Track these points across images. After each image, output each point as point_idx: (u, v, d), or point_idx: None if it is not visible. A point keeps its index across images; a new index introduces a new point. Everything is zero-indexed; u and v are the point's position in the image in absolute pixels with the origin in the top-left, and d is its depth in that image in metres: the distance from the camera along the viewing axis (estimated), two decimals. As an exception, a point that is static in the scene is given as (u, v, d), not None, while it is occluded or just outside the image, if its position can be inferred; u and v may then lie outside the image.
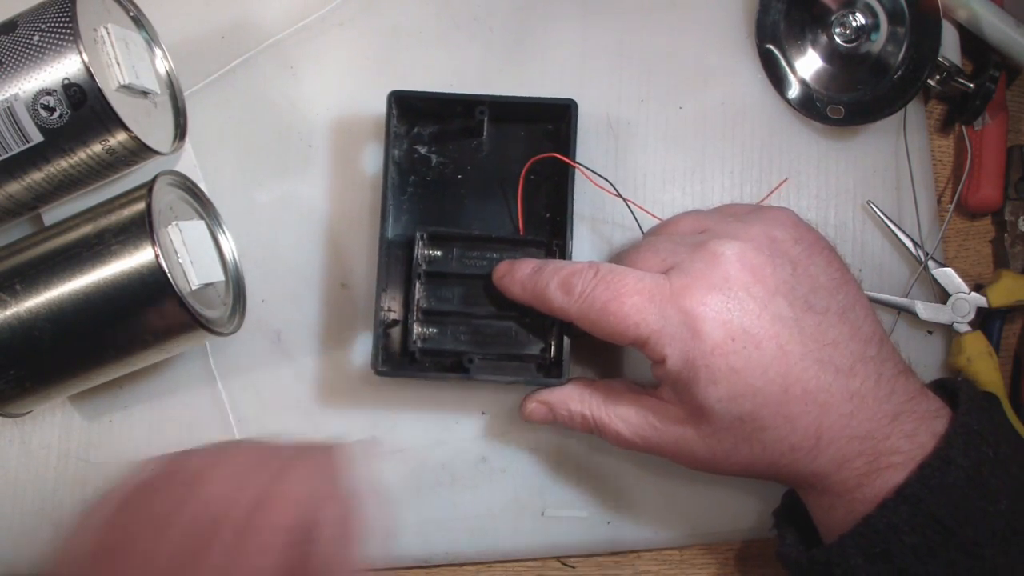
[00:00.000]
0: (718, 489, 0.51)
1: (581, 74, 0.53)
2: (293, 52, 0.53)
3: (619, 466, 0.51)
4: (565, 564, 0.52)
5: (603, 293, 0.42)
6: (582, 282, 0.43)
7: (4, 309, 0.45)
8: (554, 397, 0.47)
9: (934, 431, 0.40)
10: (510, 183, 0.51)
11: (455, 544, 0.51)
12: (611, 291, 0.42)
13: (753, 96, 0.53)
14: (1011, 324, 0.53)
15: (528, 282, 0.46)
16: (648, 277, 0.42)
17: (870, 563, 0.39)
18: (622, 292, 0.42)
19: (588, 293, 0.43)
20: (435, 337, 0.49)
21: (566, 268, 0.44)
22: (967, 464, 0.39)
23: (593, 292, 0.43)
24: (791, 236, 0.43)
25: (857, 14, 0.52)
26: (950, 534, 0.38)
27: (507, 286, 0.47)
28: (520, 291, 0.46)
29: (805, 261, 0.42)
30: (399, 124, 0.51)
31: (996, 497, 0.39)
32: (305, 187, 0.53)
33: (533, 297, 0.46)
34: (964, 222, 0.54)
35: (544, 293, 0.45)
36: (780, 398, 0.40)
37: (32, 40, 0.43)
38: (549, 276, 0.45)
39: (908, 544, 0.38)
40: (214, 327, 0.47)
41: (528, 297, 0.46)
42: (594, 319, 0.43)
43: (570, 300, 0.43)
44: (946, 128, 0.55)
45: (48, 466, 0.52)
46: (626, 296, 0.42)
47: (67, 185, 0.47)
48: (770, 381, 0.40)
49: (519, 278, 0.46)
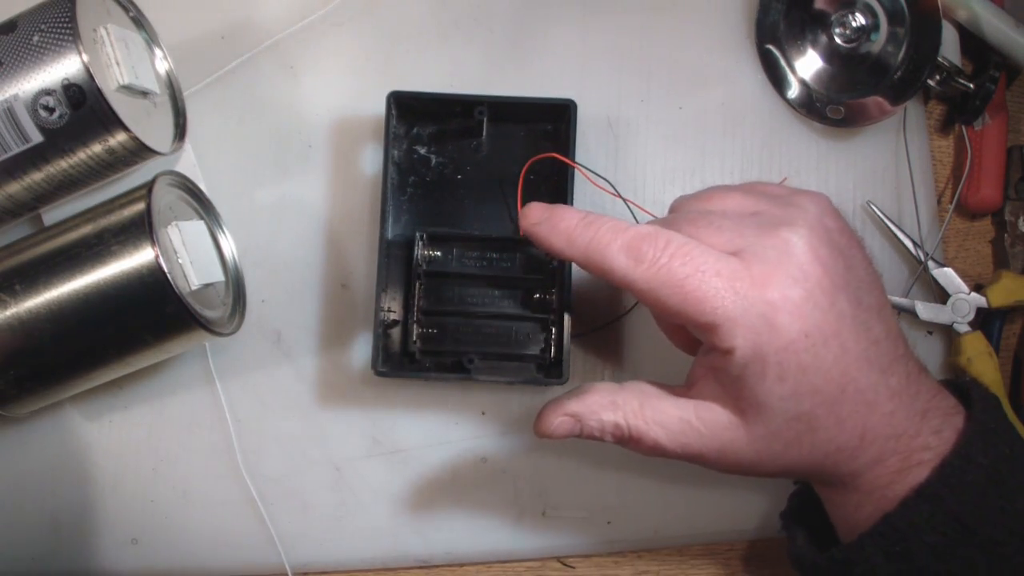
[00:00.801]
0: (718, 489, 0.51)
1: (581, 74, 0.53)
2: (293, 52, 0.53)
3: (619, 466, 0.51)
4: (565, 564, 0.52)
5: (681, 267, 0.38)
6: (654, 249, 0.39)
7: (4, 309, 0.45)
8: (582, 407, 0.41)
9: (956, 427, 0.40)
10: (510, 183, 0.51)
11: (455, 544, 0.51)
12: (690, 266, 0.38)
13: (753, 96, 0.53)
14: (1011, 324, 0.53)
15: (579, 236, 0.40)
16: (726, 258, 0.38)
17: (890, 562, 0.39)
18: (703, 270, 0.38)
19: (664, 264, 0.38)
20: (435, 337, 0.49)
21: (631, 229, 0.40)
22: (986, 462, 0.38)
23: (670, 264, 0.38)
24: (837, 226, 0.41)
25: (857, 14, 0.52)
26: (970, 533, 0.38)
27: (545, 236, 0.41)
28: (565, 244, 0.41)
29: (850, 253, 0.41)
30: (398, 124, 0.51)
31: (1014, 495, 0.39)
32: (305, 187, 0.53)
33: (585, 254, 0.40)
34: (964, 222, 0.54)
35: (603, 253, 0.39)
36: (836, 398, 0.38)
37: (32, 40, 0.43)
38: (609, 235, 0.40)
39: (928, 543, 0.38)
40: (214, 327, 0.47)
41: (577, 253, 0.40)
42: (666, 294, 0.38)
43: (638, 268, 0.39)
44: (946, 128, 0.55)
45: (48, 466, 0.52)
46: (708, 275, 0.38)
47: (67, 185, 0.47)
48: (830, 380, 0.38)
49: (564, 228, 0.41)
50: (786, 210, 0.40)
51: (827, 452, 0.39)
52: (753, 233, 0.39)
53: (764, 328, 0.37)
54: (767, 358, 0.38)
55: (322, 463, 0.51)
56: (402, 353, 0.50)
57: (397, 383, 0.51)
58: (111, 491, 0.51)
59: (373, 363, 0.47)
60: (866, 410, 0.39)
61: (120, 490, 0.51)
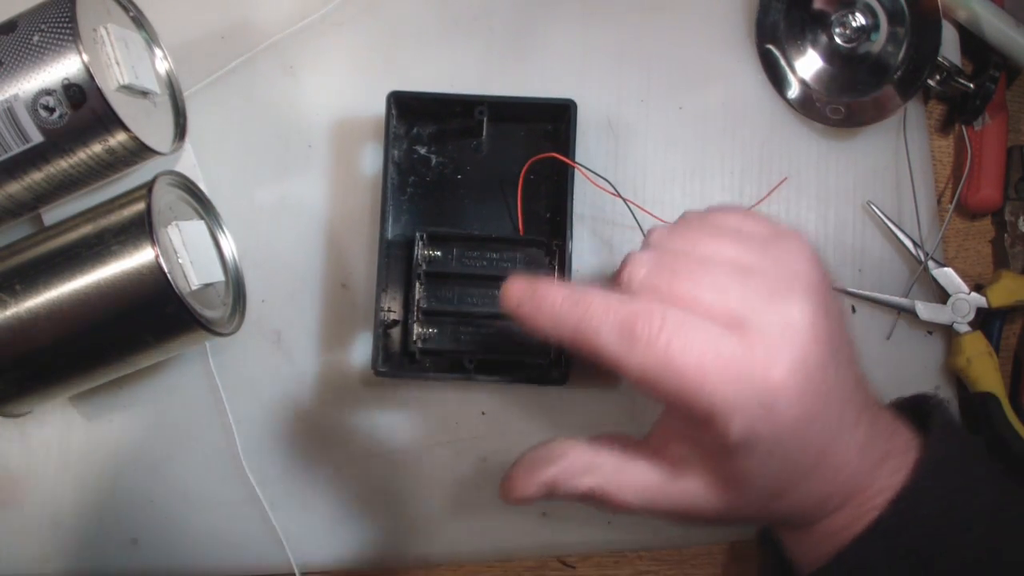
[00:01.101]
0: (718, 489, 0.51)
1: (581, 74, 0.53)
2: (293, 52, 0.53)
3: (619, 466, 0.51)
4: (565, 564, 0.52)
5: (680, 352, 0.35)
6: (649, 329, 0.35)
7: (4, 309, 0.45)
8: (559, 472, 0.39)
9: (911, 463, 0.39)
10: (510, 183, 0.51)
11: (455, 544, 0.51)
12: (690, 351, 0.35)
13: (753, 96, 0.53)
14: (1011, 324, 0.53)
15: (566, 316, 0.37)
16: (726, 338, 0.35)
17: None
18: (704, 353, 0.35)
19: (661, 347, 0.35)
20: (435, 337, 0.49)
21: (623, 306, 0.36)
22: (940, 495, 0.38)
23: (668, 347, 0.35)
24: (823, 278, 0.38)
25: (857, 14, 0.52)
26: (926, 566, 0.38)
27: (529, 317, 0.38)
28: (552, 326, 0.37)
29: (835, 309, 0.38)
30: (399, 124, 0.51)
31: (970, 525, 0.38)
32: (305, 187, 0.53)
33: (573, 336, 0.37)
34: (964, 222, 0.54)
35: (594, 335, 0.36)
36: (811, 470, 0.38)
37: (32, 40, 0.43)
38: (600, 314, 0.36)
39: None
40: (214, 327, 0.47)
41: (565, 335, 0.37)
42: (662, 381, 0.35)
43: (632, 351, 0.35)
44: (946, 128, 0.55)
45: (48, 466, 0.52)
46: (708, 360, 0.35)
47: (67, 185, 0.47)
48: (809, 455, 0.37)
49: (550, 308, 0.37)
50: (778, 267, 0.37)
51: (790, 512, 0.39)
52: (753, 301, 0.36)
53: (761, 415, 0.35)
54: (758, 442, 0.36)
55: (322, 463, 0.51)
56: (402, 353, 0.50)
57: (397, 383, 0.51)
58: (111, 491, 0.51)
59: (373, 363, 0.47)
60: (833, 474, 0.38)
61: (120, 490, 0.51)
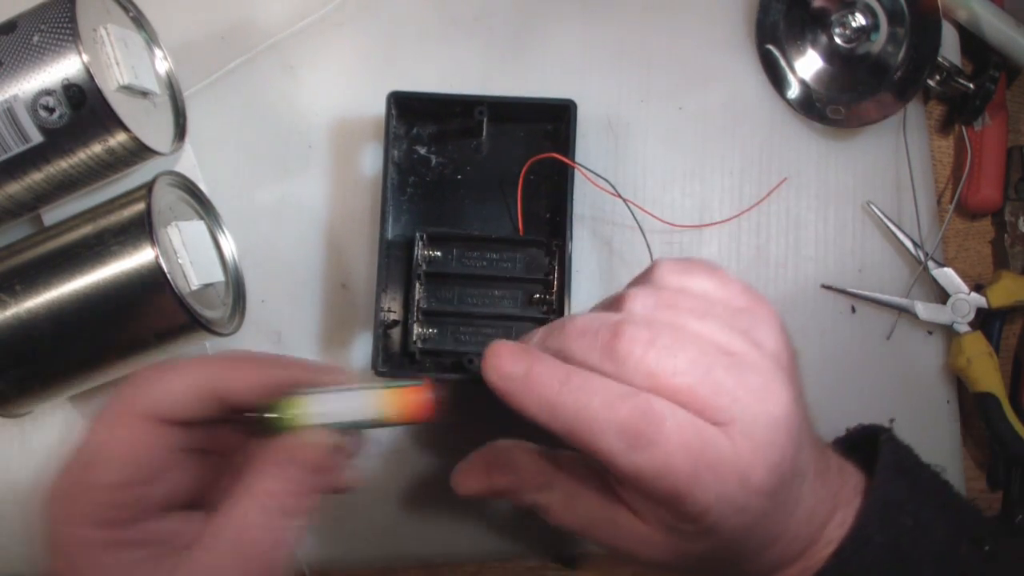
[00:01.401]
0: (718, 489, 0.51)
1: (581, 74, 0.53)
2: (293, 52, 0.53)
3: (619, 466, 0.51)
4: (565, 564, 0.52)
5: (683, 460, 0.34)
6: (653, 433, 0.34)
7: (4, 309, 0.45)
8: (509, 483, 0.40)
9: (856, 509, 0.39)
10: (510, 183, 0.51)
11: (455, 544, 0.51)
12: (691, 459, 0.34)
13: (753, 96, 0.53)
14: (1011, 324, 0.53)
15: (563, 405, 0.35)
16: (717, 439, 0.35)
17: None
18: (699, 458, 0.34)
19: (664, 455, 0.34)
20: (435, 337, 0.49)
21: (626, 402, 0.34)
22: (885, 540, 0.38)
23: (671, 455, 0.34)
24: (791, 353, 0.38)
25: (857, 14, 0.52)
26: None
27: (517, 397, 0.36)
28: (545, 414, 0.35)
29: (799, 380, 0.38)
30: (399, 124, 0.51)
31: (919, 567, 0.38)
32: (305, 187, 0.53)
33: (570, 430, 0.35)
34: (964, 222, 0.54)
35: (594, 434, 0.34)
36: (768, 546, 0.38)
37: (32, 40, 0.43)
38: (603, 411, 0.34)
39: None
40: (214, 327, 0.47)
41: (559, 427, 0.35)
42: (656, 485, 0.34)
43: (633, 455, 0.34)
44: (946, 128, 0.55)
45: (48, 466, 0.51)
46: (702, 468, 0.34)
47: (67, 185, 0.47)
48: (769, 535, 0.37)
49: (543, 393, 0.35)
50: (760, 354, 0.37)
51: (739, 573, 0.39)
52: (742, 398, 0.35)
53: (734, 513, 0.35)
54: (724, 533, 0.36)
55: (322, 463, 0.51)
56: (402, 353, 0.50)
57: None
58: (111, 491, 0.51)
59: (373, 363, 0.47)
60: (789, 540, 0.38)
61: (120, 490, 0.51)
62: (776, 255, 0.52)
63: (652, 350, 0.35)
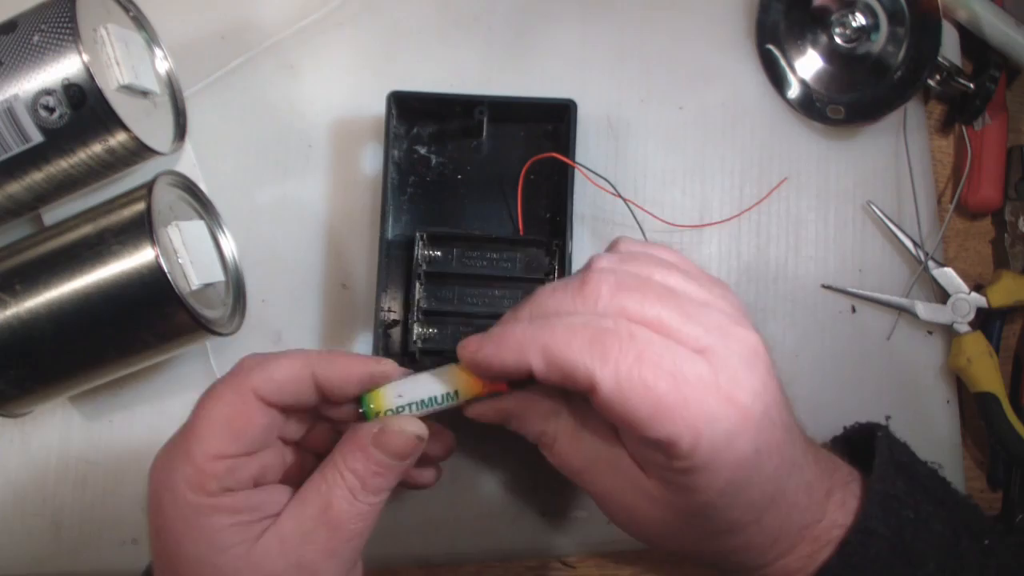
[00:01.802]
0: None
1: (581, 74, 0.53)
2: (293, 52, 0.53)
3: (619, 466, 0.51)
4: (565, 564, 0.52)
5: (652, 370, 0.34)
6: (619, 344, 0.34)
7: (4, 309, 0.45)
8: (521, 408, 0.40)
9: (856, 494, 0.39)
10: (510, 183, 0.51)
11: (455, 544, 0.51)
12: (662, 371, 0.34)
13: (753, 96, 0.53)
14: (1011, 324, 0.53)
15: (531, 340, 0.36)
16: (694, 361, 0.35)
17: None
18: (675, 375, 0.34)
19: (632, 364, 0.34)
20: (435, 337, 0.49)
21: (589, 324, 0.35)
22: (888, 532, 0.38)
23: (640, 364, 0.34)
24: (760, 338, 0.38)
25: (857, 14, 0.52)
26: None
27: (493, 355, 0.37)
28: (517, 355, 0.36)
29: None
30: (399, 124, 0.51)
31: (922, 560, 0.38)
32: (305, 187, 0.53)
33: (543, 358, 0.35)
34: (964, 222, 0.54)
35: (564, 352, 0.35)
36: (765, 508, 0.37)
37: (32, 40, 0.43)
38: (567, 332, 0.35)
39: None
40: (214, 327, 0.47)
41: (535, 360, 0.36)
42: (634, 401, 0.34)
43: (604, 365, 0.34)
44: (946, 128, 0.55)
45: (48, 466, 0.52)
46: (679, 383, 0.34)
47: (67, 185, 0.47)
48: (765, 494, 0.37)
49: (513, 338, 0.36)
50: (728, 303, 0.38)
51: (736, 549, 0.38)
52: (715, 329, 0.36)
53: (723, 445, 0.35)
54: (717, 473, 0.35)
55: (322, 463, 0.51)
56: (402, 353, 0.50)
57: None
58: (111, 491, 0.51)
59: (373, 363, 0.47)
60: (786, 513, 0.38)
61: (120, 490, 0.51)
62: (776, 255, 0.52)
63: (620, 291, 0.36)
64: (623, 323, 0.35)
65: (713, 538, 0.38)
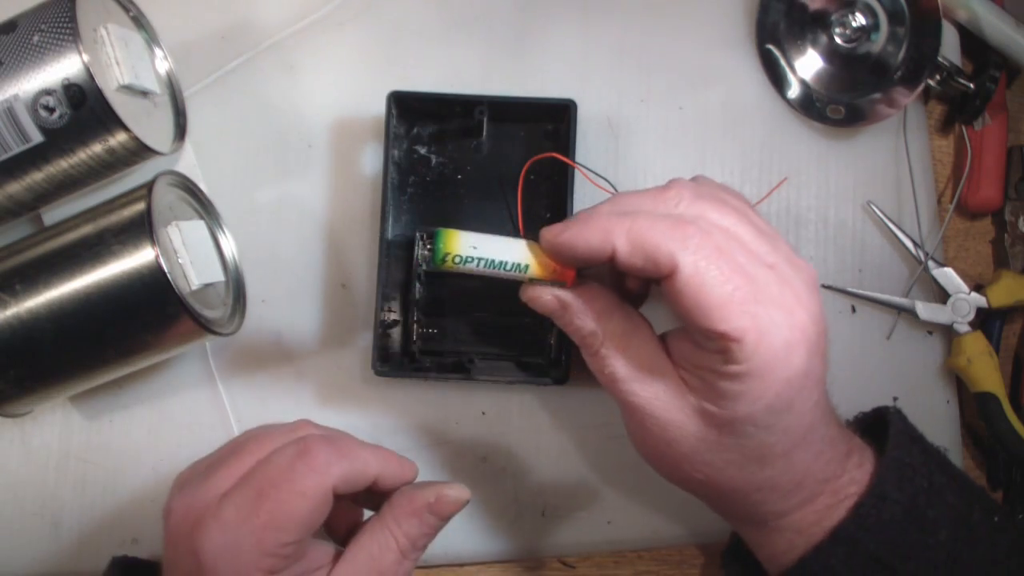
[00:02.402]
0: (718, 489, 0.51)
1: (581, 74, 0.53)
2: (293, 52, 0.53)
3: (619, 466, 0.51)
4: (565, 564, 0.52)
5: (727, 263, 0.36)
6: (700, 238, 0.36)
7: (4, 309, 0.45)
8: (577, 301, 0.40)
9: (872, 460, 0.40)
10: (510, 183, 0.51)
11: (455, 544, 0.51)
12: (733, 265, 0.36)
13: (753, 96, 0.53)
14: (1011, 324, 0.53)
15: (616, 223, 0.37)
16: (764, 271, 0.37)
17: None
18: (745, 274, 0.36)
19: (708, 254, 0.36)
20: (435, 337, 0.49)
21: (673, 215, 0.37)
22: (902, 498, 0.38)
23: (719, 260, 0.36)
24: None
25: (857, 14, 0.52)
26: (891, 571, 0.38)
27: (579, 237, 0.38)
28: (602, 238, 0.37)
29: None
30: (399, 124, 0.51)
31: (935, 528, 0.39)
32: (305, 187, 0.53)
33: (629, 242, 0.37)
34: (964, 222, 0.54)
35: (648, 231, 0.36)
36: (798, 442, 0.38)
37: (32, 40, 0.43)
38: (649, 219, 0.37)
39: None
40: (214, 327, 0.47)
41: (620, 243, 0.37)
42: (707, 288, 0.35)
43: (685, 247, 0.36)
44: (946, 128, 0.55)
45: (48, 466, 0.52)
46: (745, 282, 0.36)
47: (67, 185, 0.47)
48: (802, 424, 0.37)
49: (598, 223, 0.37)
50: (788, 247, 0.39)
51: (761, 486, 0.39)
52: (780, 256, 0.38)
53: (781, 355, 0.36)
54: (769, 386, 0.36)
55: (322, 463, 0.51)
56: (402, 353, 0.50)
57: (397, 383, 0.51)
58: (111, 491, 0.51)
59: (373, 363, 0.47)
60: (812, 457, 0.39)
61: (120, 490, 0.51)
62: (776, 255, 0.52)
63: (698, 200, 0.38)
64: (703, 221, 0.37)
65: (742, 467, 0.38)
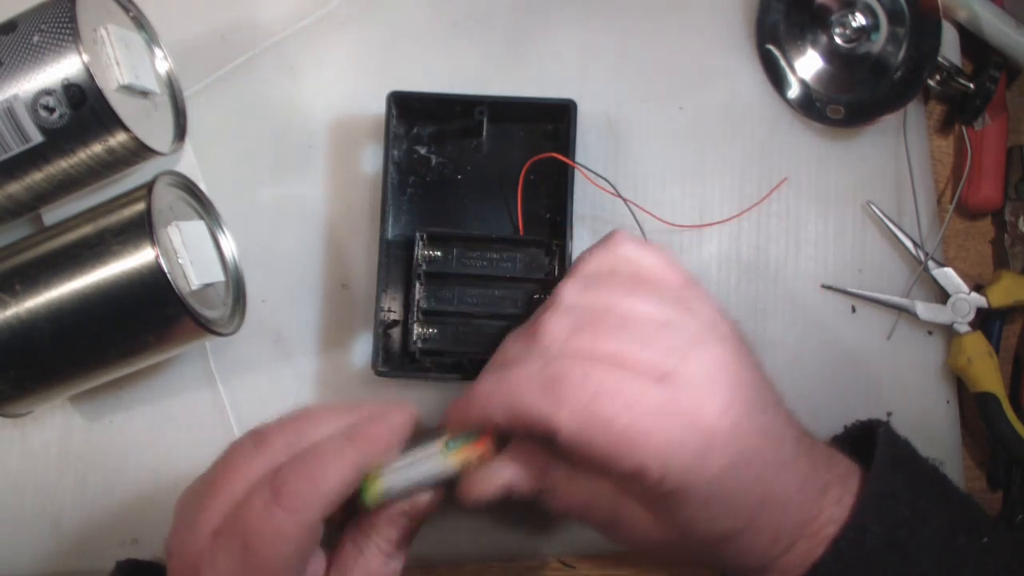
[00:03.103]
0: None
1: (581, 74, 0.53)
2: (293, 52, 0.53)
3: (619, 466, 0.51)
4: (565, 564, 0.52)
5: (609, 405, 0.35)
6: (572, 385, 0.36)
7: (4, 309, 0.45)
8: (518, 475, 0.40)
9: (854, 491, 0.39)
10: (510, 183, 0.51)
11: (455, 544, 0.51)
12: (620, 403, 0.35)
13: (753, 96, 0.53)
14: (1011, 324, 0.53)
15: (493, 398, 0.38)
16: (655, 389, 0.36)
17: None
18: (634, 406, 0.35)
19: (588, 400, 0.35)
20: (435, 337, 0.49)
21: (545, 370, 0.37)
22: (882, 530, 0.38)
23: (595, 401, 0.35)
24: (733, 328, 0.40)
25: (857, 14, 0.52)
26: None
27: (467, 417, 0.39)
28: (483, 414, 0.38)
29: (748, 354, 0.39)
30: (399, 124, 0.51)
31: (917, 558, 0.38)
32: (305, 187, 0.53)
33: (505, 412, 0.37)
34: (964, 222, 0.54)
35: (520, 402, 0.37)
36: (755, 513, 0.38)
37: (32, 40, 0.43)
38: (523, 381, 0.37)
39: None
40: (214, 327, 0.47)
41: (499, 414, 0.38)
42: (595, 439, 0.35)
43: (560, 408, 0.35)
44: (946, 128, 0.55)
45: (48, 466, 0.52)
46: (639, 414, 0.35)
47: (67, 185, 0.47)
48: (752, 499, 0.37)
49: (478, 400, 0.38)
50: (694, 319, 0.38)
51: (736, 553, 0.39)
52: (675, 352, 0.37)
53: (694, 464, 0.36)
54: (694, 491, 0.36)
55: (322, 463, 0.51)
56: (402, 353, 0.50)
57: (397, 383, 0.51)
58: (111, 491, 0.51)
59: (373, 363, 0.47)
60: (780, 513, 0.38)
61: (120, 490, 0.51)
62: (776, 255, 0.52)
63: (574, 332, 0.38)
64: (577, 363, 0.36)
65: (711, 547, 0.39)
